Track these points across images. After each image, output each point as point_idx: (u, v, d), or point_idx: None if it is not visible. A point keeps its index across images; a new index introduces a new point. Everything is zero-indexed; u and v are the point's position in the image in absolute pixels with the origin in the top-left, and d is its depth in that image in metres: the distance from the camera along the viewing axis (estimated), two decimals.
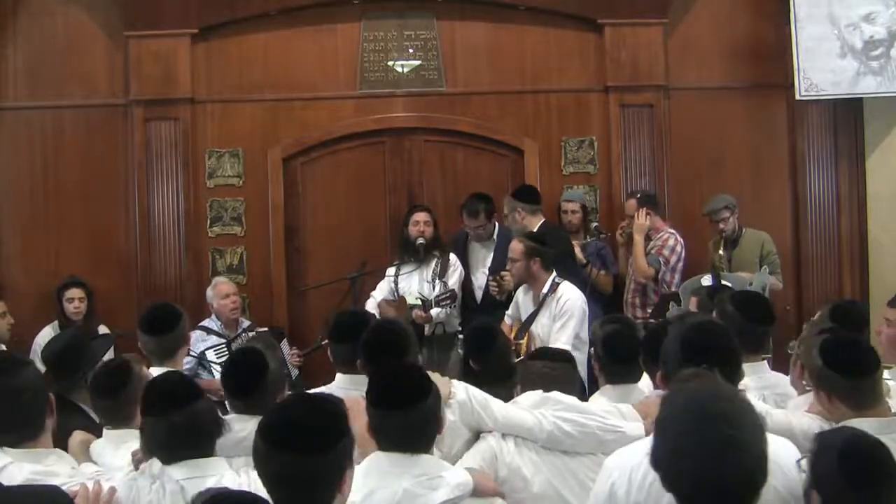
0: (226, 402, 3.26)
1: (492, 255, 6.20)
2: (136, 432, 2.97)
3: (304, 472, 2.08)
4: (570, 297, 5.17)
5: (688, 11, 6.98)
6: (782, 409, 3.19)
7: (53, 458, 2.70)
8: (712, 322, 3.10)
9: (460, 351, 4.46)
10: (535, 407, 3.19)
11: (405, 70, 6.93)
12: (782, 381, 3.52)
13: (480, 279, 6.18)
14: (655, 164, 6.87)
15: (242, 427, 3.01)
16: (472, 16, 6.93)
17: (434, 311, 5.88)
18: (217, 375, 5.09)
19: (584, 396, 3.93)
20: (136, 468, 2.89)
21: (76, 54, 6.73)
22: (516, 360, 4.71)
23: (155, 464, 2.70)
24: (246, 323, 6.16)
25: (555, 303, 5.17)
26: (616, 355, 3.52)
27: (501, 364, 3.83)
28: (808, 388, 3.09)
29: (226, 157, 6.80)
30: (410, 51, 6.93)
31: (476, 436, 3.18)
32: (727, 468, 1.86)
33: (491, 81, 6.94)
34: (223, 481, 2.57)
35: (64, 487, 2.43)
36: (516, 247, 5.31)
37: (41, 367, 5.07)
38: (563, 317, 5.11)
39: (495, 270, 5.97)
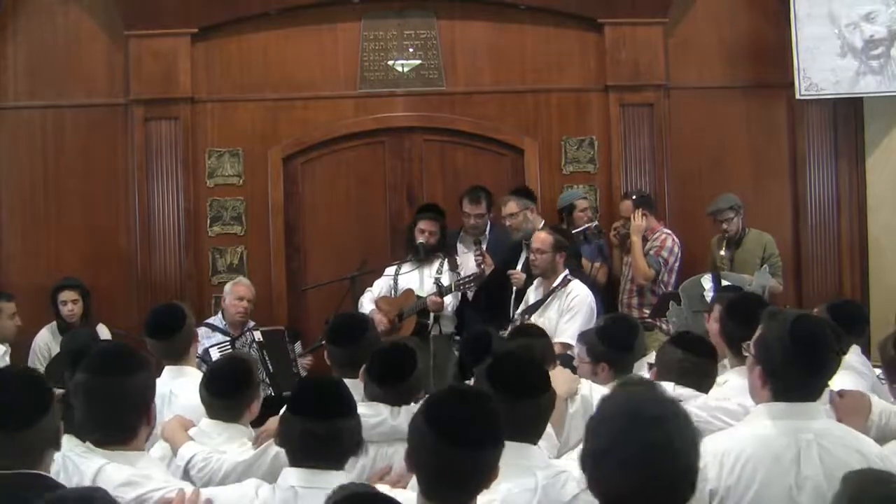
0: None
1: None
2: (240, 427, 3.21)
3: (464, 466, 2.10)
4: (580, 293, 5.23)
5: (688, 11, 6.96)
6: None
7: (145, 461, 2.66)
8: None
9: (456, 352, 4.47)
10: None
11: (405, 69, 6.92)
12: None
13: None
14: (655, 164, 6.87)
15: (376, 413, 3.13)
16: (472, 15, 6.92)
17: (448, 299, 5.92)
18: None
19: None
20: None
21: (76, 54, 6.72)
22: None
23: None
24: (251, 323, 6.16)
25: (564, 297, 5.22)
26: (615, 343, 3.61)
27: None
28: None
29: (226, 156, 6.80)
30: (410, 50, 6.92)
31: None
32: (652, 472, 1.77)
33: (491, 81, 6.93)
34: None
35: (160, 492, 2.52)
36: (546, 238, 5.34)
37: (40, 368, 5.14)
38: (570, 311, 5.16)
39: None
